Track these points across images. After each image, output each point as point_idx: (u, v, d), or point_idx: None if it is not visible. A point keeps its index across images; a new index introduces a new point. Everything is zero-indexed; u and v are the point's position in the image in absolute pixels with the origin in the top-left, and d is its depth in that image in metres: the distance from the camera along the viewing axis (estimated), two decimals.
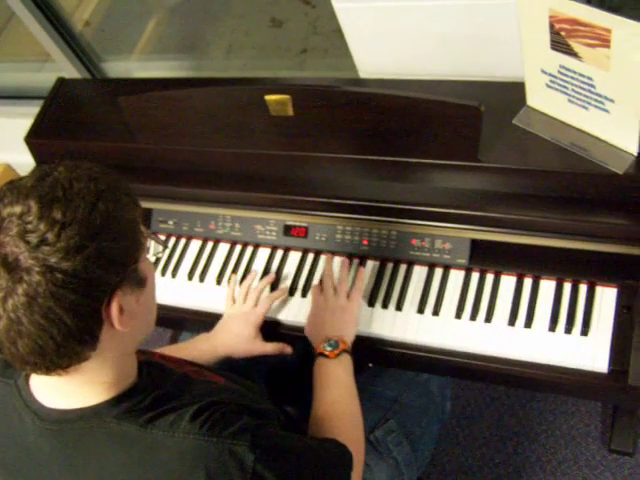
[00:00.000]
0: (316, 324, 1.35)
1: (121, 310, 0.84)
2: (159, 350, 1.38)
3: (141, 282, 0.89)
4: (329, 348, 1.27)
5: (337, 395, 1.22)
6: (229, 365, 1.45)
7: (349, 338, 1.31)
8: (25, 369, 0.84)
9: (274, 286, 1.49)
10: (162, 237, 1.63)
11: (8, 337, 0.79)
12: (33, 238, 0.77)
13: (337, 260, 1.47)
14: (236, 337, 1.38)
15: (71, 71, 2.17)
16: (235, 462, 0.86)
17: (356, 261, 1.46)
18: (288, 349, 1.39)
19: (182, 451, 0.86)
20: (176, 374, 1.03)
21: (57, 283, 0.77)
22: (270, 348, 1.39)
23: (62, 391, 0.90)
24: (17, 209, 0.79)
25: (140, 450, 0.87)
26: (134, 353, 0.95)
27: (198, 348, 1.38)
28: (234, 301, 1.46)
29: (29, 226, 0.78)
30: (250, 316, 1.40)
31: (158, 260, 1.58)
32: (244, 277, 1.51)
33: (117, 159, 1.63)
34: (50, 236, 0.77)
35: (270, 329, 1.43)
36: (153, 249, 1.01)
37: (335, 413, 1.19)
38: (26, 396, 0.93)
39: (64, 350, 0.81)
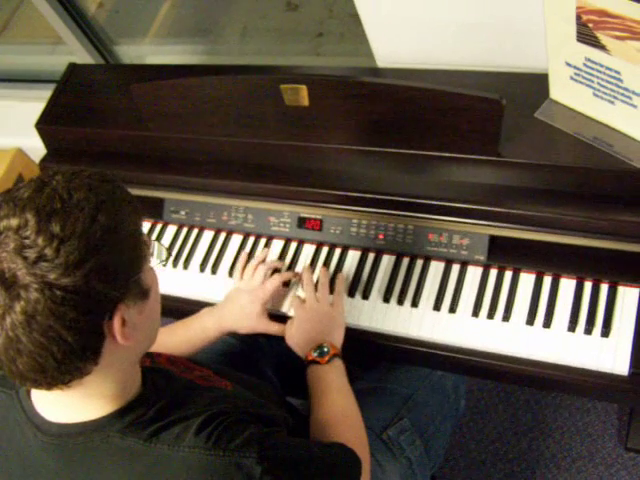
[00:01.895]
0: (301, 333, 1.30)
1: (124, 323, 0.82)
2: (166, 328, 1.36)
3: (144, 293, 0.86)
4: (319, 354, 1.24)
5: (334, 400, 1.19)
6: (238, 358, 1.43)
7: (338, 342, 1.29)
8: (25, 385, 0.82)
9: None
10: (172, 227, 1.61)
11: (7, 355, 0.77)
12: (31, 254, 0.74)
13: (351, 254, 1.44)
14: (241, 312, 1.35)
15: (83, 54, 2.14)
16: (242, 475, 0.84)
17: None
18: None
19: (188, 466, 0.84)
20: (181, 381, 1.01)
21: (56, 300, 0.74)
22: (274, 328, 1.36)
23: (64, 404, 0.88)
24: (14, 222, 0.75)
25: (145, 465, 0.85)
26: (138, 362, 0.93)
27: (202, 323, 1.35)
28: (242, 276, 1.44)
29: (26, 241, 0.74)
30: (258, 292, 1.37)
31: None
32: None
33: (129, 148, 1.61)
34: (49, 251, 0.74)
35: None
36: (157, 256, 0.97)
37: (335, 417, 1.17)
38: (27, 408, 0.91)
39: (65, 367, 0.79)
